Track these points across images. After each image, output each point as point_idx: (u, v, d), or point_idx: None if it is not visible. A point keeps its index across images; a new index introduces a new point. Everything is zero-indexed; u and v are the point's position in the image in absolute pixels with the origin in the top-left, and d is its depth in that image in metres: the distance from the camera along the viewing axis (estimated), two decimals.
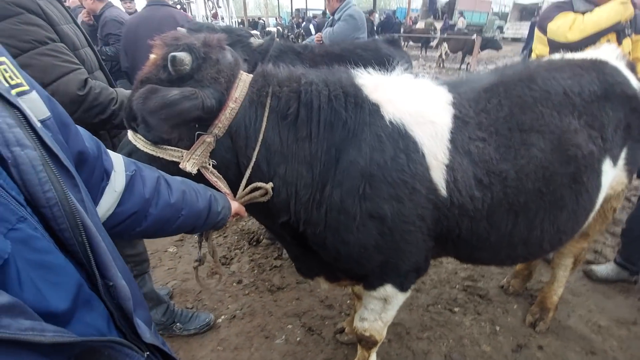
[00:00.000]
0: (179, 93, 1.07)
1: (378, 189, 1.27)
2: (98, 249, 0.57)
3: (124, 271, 0.70)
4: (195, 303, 2.64)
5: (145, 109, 1.06)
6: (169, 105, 1.05)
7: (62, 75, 1.41)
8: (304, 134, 1.27)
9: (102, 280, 0.58)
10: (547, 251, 1.60)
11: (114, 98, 1.56)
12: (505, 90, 1.44)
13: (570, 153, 1.38)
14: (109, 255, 0.60)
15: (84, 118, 1.48)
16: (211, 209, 1.14)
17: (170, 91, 1.06)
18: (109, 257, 0.59)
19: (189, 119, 1.11)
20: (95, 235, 0.57)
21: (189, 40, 1.14)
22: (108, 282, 0.58)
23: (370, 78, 1.36)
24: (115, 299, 0.60)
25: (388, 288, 1.54)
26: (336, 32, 3.58)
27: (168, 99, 1.05)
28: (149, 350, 0.68)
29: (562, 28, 2.38)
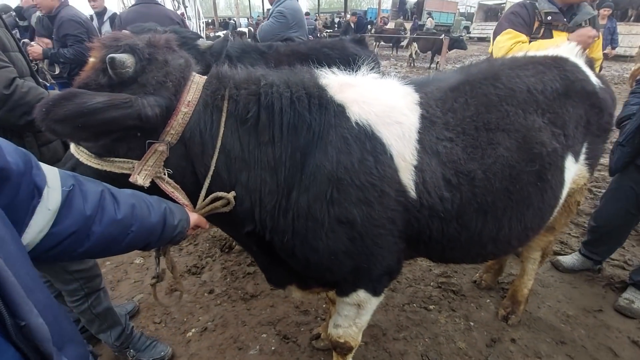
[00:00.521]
0: (105, 101, 0.94)
1: (346, 192, 1.22)
2: (6, 286, 0.49)
3: (46, 306, 0.60)
4: (163, 317, 2.50)
5: (51, 117, 0.91)
6: (89, 113, 0.92)
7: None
8: (266, 139, 1.20)
9: (11, 320, 0.49)
10: (515, 247, 1.61)
11: (42, 97, 1.45)
12: (471, 89, 1.43)
13: (536, 151, 1.39)
14: (21, 292, 0.51)
15: (8, 118, 1.40)
16: (166, 223, 1.05)
17: (94, 97, 0.94)
18: (20, 293, 0.51)
19: (123, 127, 1.00)
20: (2, 270, 0.48)
21: (131, 40, 1.04)
22: (19, 322, 0.50)
23: (335, 78, 1.31)
24: (31, 340, 0.51)
25: (361, 293, 1.50)
26: (263, 29, 3.39)
27: (86, 107, 0.92)
28: None
29: (502, 51, 2.47)
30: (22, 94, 1.43)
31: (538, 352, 2.29)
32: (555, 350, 2.31)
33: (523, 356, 2.27)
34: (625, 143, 2.37)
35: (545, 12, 2.49)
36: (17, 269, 0.55)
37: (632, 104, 2.43)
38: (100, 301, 1.94)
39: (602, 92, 1.66)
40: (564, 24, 2.53)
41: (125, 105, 0.97)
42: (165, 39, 1.19)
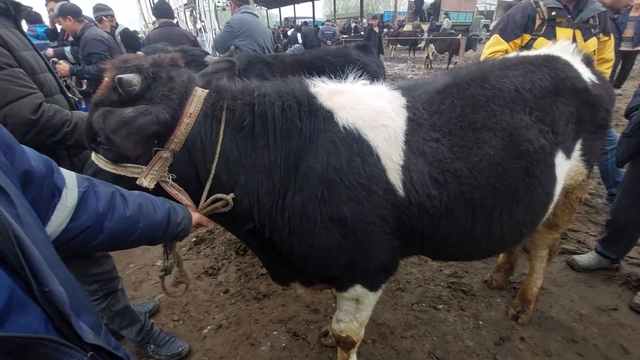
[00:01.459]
0: (133, 110, 1.11)
1: (336, 192, 1.31)
2: (32, 259, 0.61)
3: (66, 279, 0.74)
4: (181, 315, 2.66)
5: (107, 128, 1.09)
6: (127, 123, 1.09)
7: (16, 99, 1.46)
8: (262, 144, 1.32)
9: (37, 286, 0.62)
10: (510, 244, 1.64)
11: (67, 120, 1.60)
12: (458, 90, 1.49)
13: (522, 148, 1.43)
14: (44, 264, 0.64)
15: (37, 139, 1.53)
16: (170, 220, 1.18)
17: (125, 110, 1.11)
18: (43, 265, 0.63)
19: (148, 134, 1.15)
20: (29, 246, 0.61)
21: (137, 61, 1.19)
22: (44, 288, 0.62)
23: (324, 86, 1.41)
24: (53, 303, 0.64)
25: (358, 288, 1.58)
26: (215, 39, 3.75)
27: (125, 117, 1.10)
28: (93, 351, 0.72)
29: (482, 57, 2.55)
30: (48, 118, 1.56)
31: (548, 351, 2.28)
32: (565, 349, 2.29)
33: (532, 354, 2.26)
34: (631, 134, 2.34)
35: (549, 8, 2.45)
36: (41, 248, 0.68)
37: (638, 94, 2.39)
38: (119, 300, 2.10)
39: (596, 88, 1.67)
40: (568, 20, 2.49)
41: (147, 112, 1.13)
42: (170, 57, 1.33)
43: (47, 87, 1.69)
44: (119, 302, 2.12)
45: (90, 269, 1.96)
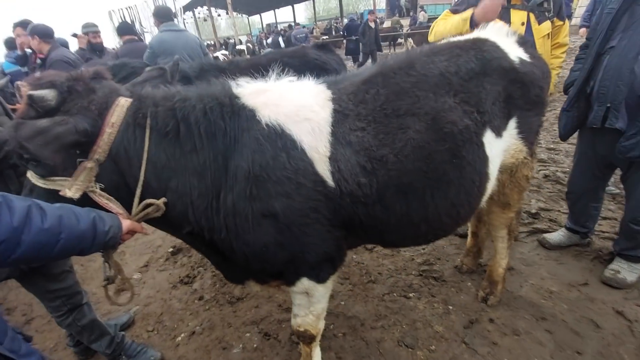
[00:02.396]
0: (48, 120, 1.14)
1: (264, 188, 1.34)
2: None
3: None
4: (156, 325, 2.67)
5: (20, 137, 1.12)
6: (42, 132, 1.12)
7: None
8: (189, 148, 1.34)
9: None
10: (451, 225, 1.66)
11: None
12: (384, 79, 1.52)
13: (446, 130, 1.46)
14: None
15: None
16: (97, 230, 1.19)
17: (39, 121, 1.13)
18: None
19: (67, 143, 1.17)
20: None
21: (52, 77, 1.21)
22: None
23: (248, 86, 1.44)
24: None
25: (305, 281, 1.60)
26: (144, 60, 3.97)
27: (39, 126, 1.13)
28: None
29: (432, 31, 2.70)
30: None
31: (516, 330, 2.30)
32: (534, 327, 2.31)
33: (501, 335, 2.28)
34: (569, 108, 2.42)
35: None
36: None
37: (575, 70, 2.46)
38: (84, 315, 2.11)
39: (526, 66, 1.70)
40: (522, 3, 2.53)
41: (63, 122, 1.17)
42: (94, 71, 1.36)
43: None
44: (84, 316, 2.13)
45: (50, 285, 1.97)
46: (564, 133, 2.56)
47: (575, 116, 2.41)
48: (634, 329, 2.22)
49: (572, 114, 2.42)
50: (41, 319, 2.88)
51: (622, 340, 2.16)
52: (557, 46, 2.67)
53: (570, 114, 2.43)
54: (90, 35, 5.19)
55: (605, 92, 2.22)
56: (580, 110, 2.38)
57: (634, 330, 2.21)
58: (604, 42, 2.18)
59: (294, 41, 13.49)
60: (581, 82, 2.33)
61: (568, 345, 2.17)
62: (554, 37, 2.63)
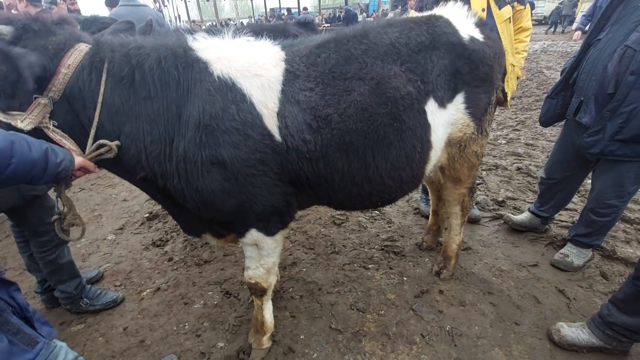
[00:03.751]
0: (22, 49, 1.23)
1: (213, 137, 1.43)
2: None
3: None
4: (124, 281, 2.78)
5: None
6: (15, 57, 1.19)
7: None
8: (144, 94, 1.42)
9: None
10: (394, 188, 1.76)
11: None
12: (336, 45, 1.61)
13: (389, 94, 1.55)
14: None
15: None
16: (49, 160, 1.28)
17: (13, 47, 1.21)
18: None
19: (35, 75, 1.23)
20: None
21: (11, 15, 1.29)
22: None
23: (204, 41, 1.52)
24: None
25: (254, 232, 1.70)
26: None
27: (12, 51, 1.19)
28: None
29: None
30: None
31: (463, 301, 2.44)
32: (480, 299, 2.45)
33: (448, 305, 2.42)
34: (553, 95, 2.49)
35: None
36: None
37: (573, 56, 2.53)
38: (65, 254, 2.29)
39: (476, 44, 1.79)
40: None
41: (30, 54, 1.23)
42: (59, 17, 1.43)
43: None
44: (65, 255, 2.30)
45: (47, 218, 2.12)
46: (544, 120, 2.61)
47: (559, 104, 2.46)
48: (571, 306, 2.37)
49: (555, 101, 2.47)
50: (13, 270, 2.98)
51: (558, 315, 2.31)
52: (520, 30, 2.73)
53: (553, 101, 2.48)
54: (68, 2, 5.13)
55: (582, 85, 2.25)
56: (564, 99, 2.43)
57: (571, 307, 2.36)
58: (594, 33, 2.19)
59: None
60: (567, 72, 2.37)
61: (508, 317, 2.31)
62: (516, 22, 2.69)
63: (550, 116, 2.61)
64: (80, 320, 2.41)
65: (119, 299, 2.50)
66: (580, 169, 2.67)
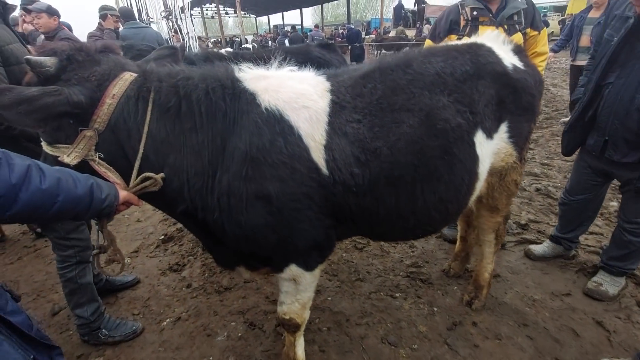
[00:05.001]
0: (38, 90, 1.16)
1: (260, 170, 1.37)
2: None
3: None
4: (142, 309, 2.67)
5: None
6: (27, 101, 1.14)
7: None
8: (189, 126, 1.37)
9: None
10: (439, 220, 1.70)
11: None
12: (381, 75, 1.57)
13: (439, 127, 1.50)
14: None
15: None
16: (94, 196, 1.22)
17: (29, 89, 1.16)
18: None
19: (57, 113, 1.20)
20: None
21: (56, 45, 1.25)
22: None
23: (250, 71, 1.48)
24: None
25: (293, 268, 1.63)
26: None
27: (25, 94, 1.14)
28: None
29: None
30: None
31: (498, 334, 2.33)
32: (516, 332, 2.35)
33: (483, 338, 2.32)
34: (570, 130, 2.48)
35: (471, 8, 2.58)
36: None
37: (581, 85, 2.51)
38: (85, 274, 2.21)
39: (519, 73, 1.76)
40: (490, 19, 2.59)
41: (55, 92, 1.19)
42: (102, 44, 1.40)
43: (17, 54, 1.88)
44: (85, 275, 2.22)
45: (71, 233, 2.09)
46: (566, 152, 2.64)
47: (578, 136, 2.48)
48: (612, 340, 2.26)
49: (573, 134, 2.49)
50: (27, 296, 2.88)
51: (599, 349, 2.20)
52: (535, 55, 2.70)
53: (571, 134, 2.51)
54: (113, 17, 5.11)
55: (604, 126, 2.26)
56: (581, 132, 2.45)
57: (612, 341, 2.25)
58: (603, 75, 2.19)
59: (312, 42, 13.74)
60: (580, 111, 2.37)
61: (548, 352, 2.20)
62: (531, 47, 2.66)
63: (571, 148, 2.62)
64: (98, 353, 2.30)
65: (138, 330, 2.39)
66: (601, 186, 2.64)
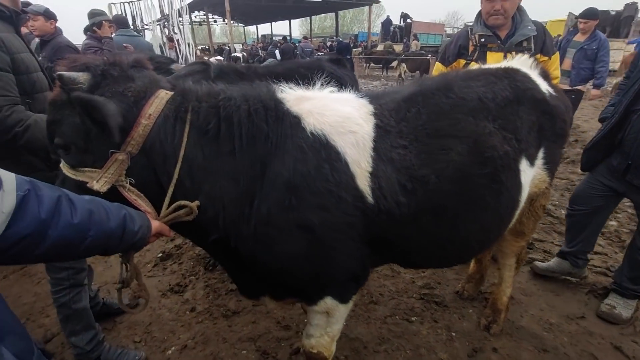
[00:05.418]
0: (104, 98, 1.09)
1: (304, 199, 1.27)
2: None
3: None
4: (144, 336, 2.49)
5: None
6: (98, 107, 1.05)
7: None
8: (227, 149, 1.27)
9: None
10: (477, 250, 1.65)
11: (21, 120, 1.67)
12: (424, 99, 1.51)
13: (487, 155, 1.45)
14: None
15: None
16: (126, 228, 1.09)
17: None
18: None
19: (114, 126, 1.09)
20: None
21: (88, 59, 1.13)
22: None
23: (292, 92, 1.39)
24: None
25: (328, 300, 1.52)
26: None
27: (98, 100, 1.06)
28: None
29: None
30: (3, 117, 1.65)
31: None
32: (537, 358, 2.30)
33: None
34: (592, 148, 2.50)
35: (479, 35, 2.62)
36: None
37: (611, 104, 2.56)
38: (81, 298, 2.05)
39: (553, 99, 1.75)
40: (498, 45, 2.62)
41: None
42: (134, 58, 1.28)
43: (38, 84, 1.90)
44: (80, 300, 2.06)
45: None
46: (586, 168, 2.69)
47: (600, 155, 2.51)
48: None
49: (594, 152, 2.53)
50: None
51: None
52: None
53: (592, 152, 2.54)
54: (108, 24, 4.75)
55: (628, 151, 2.29)
56: (604, 150, 2.48)
57: None
58: (633, 101, 2.23)
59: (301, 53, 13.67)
60: (607, 132, 2.40)
61: None
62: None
63: (592, 164, 2.66)
64: None
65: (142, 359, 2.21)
66: (608, 204, 2.68)
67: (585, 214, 2.77)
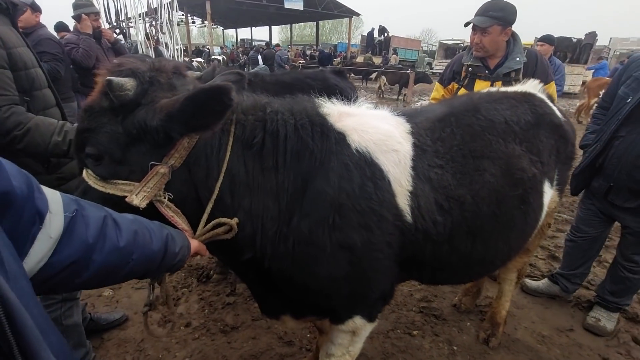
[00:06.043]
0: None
1: (348, 218, 1.25)
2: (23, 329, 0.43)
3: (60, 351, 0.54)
4: (135, 354, 2.32)
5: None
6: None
7: None
8: (270, 164, 1.22)
9: None
10: (498, 267, 1.69)
11: (20, 123, 1.57)
12: (456, 119, 1.54)
13: (518, 176, 1.50)
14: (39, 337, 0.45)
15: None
16: (168, 250, 1.01)
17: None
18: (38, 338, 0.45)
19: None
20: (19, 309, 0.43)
21: (134, 64, 1.05)
22: None
23: (334, 107, 1.37)
24: None
25: (357, 320, 1.49)
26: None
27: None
28: None
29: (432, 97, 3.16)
30: (2, 119, 1.53)
31: None
32: None
33: None
34: (579, 173, 2.64)
35: (468, 65, 2.75)
36: (30, 308, 0.49)
37: (590, 131, 2.69)
38: (72, 314, 1.94)
39: (566, 124, 1.84)
40: (485, 74, 2.72)
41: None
42: (174, 65, 1.20)
43: (37, 81, 1.79)
44: (72, 315, 1.94)
45: None
46: (574, 192, 2.80)
47: (587, 179, 2.64)
48: None
49: (582, 177, 2.65)
50: None
51: None
52: None
53: (580, 177, 2.66)
54: (91, 17, 4.29)
55: (610, 173, 2.41)
56: (589, 175, 2.61)
57: None
58: (616, 129, 2.34)
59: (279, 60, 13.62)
60: (592, 158, 2.51)
61: None
62: None
63: (580, 189, 2.77)
64: None
65: None
66: (603, 228, 2.78)
67: (585, 240, 2.87)
